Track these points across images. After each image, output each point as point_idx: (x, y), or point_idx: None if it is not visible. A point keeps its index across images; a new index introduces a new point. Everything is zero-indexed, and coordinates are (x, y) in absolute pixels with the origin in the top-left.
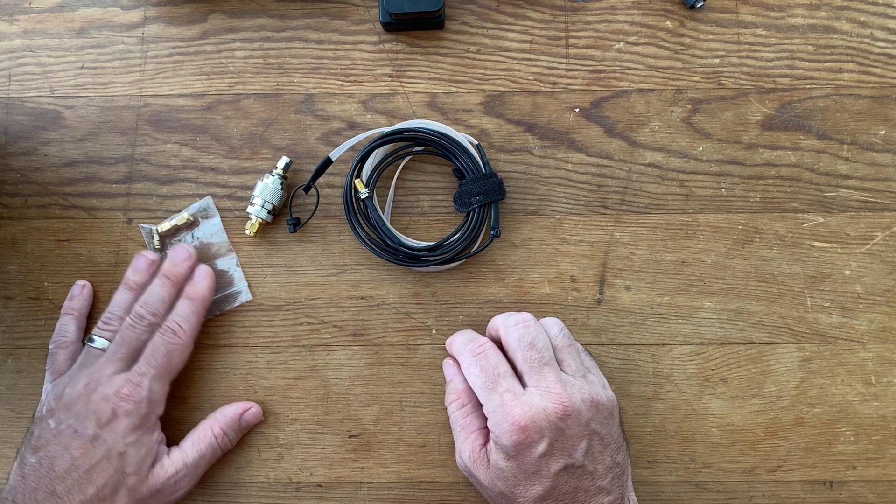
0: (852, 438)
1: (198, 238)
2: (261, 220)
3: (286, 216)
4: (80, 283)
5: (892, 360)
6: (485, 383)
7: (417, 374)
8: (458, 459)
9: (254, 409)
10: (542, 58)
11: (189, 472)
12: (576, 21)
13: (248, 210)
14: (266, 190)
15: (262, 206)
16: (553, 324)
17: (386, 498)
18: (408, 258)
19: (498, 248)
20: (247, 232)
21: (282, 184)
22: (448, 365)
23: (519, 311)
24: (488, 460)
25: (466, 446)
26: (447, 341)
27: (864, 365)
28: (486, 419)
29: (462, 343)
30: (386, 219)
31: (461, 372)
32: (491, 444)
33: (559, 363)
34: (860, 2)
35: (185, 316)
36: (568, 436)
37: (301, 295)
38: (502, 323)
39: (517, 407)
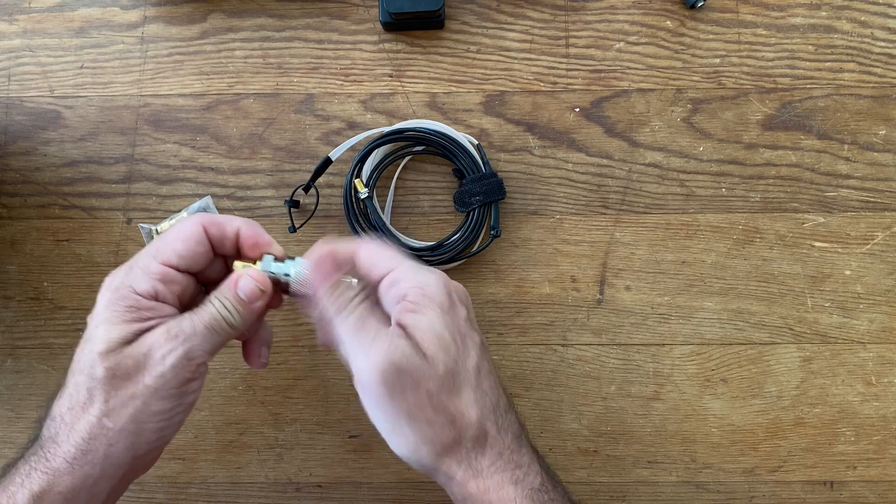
0: (853, 439)
1: None
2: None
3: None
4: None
5: (893, 360)
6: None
7: None
8: (386, 357)
9: (245, 278)
10: (543, 57)
11: (180, 341)
12: (576, 21)
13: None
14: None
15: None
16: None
17: (386, 498)
18: None
19: (498, 248)
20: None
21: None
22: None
23: (519, 311)
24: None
25: (396, 341)
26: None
27: (865, 365)
28: None
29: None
30: (386, 219)
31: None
32: (424, 304)
33: None
34: (860, 1)
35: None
36: (472, 315)
37: None
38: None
39: (435, 271)
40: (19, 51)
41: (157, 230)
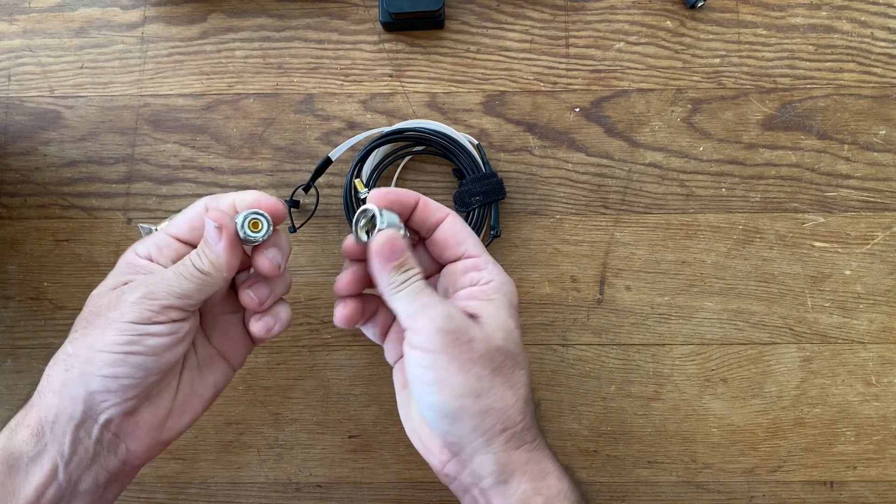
0: (853, 439)
1: None
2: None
3: None
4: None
5: (893, 360)
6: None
7: None
8: (445, 315)
9: (207, 221)
10: (543, 57)
11: (144, 281)
12: (576, 21)
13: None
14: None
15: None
16: None
17: (386, 498)
18: None
19: (498, 248)
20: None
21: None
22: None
23: (519, 311)
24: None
25: (452, 308)
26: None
27: (865, 365)
28: None
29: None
30: None
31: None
32: (497, 298)
33: None
34: (861, 1)
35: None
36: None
37: (301, 295)
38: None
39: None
40: (19, 51)
41: (156, 230)
